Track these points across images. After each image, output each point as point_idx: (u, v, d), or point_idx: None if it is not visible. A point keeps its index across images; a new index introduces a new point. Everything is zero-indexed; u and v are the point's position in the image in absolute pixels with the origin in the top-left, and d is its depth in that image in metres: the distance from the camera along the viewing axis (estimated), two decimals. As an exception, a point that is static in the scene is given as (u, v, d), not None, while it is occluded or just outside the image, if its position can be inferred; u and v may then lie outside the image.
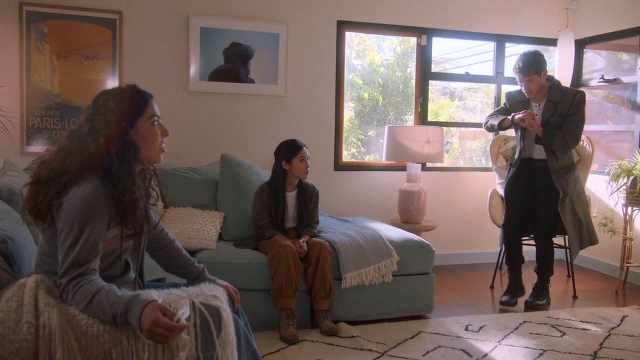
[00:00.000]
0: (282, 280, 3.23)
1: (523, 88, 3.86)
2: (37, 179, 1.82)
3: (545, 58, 3.85)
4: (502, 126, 3.96)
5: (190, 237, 3.47)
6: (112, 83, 4.25)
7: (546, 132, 3.77)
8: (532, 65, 3.75)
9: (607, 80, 5.10)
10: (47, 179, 1.80)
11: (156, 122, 1.96)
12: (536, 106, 3.92)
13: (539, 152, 3.92)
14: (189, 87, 4.46)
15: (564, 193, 3.83)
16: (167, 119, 4.35)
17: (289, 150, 3.58)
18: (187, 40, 4.42)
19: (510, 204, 4.08)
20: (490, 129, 4.08)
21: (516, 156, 4.08)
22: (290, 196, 3.66)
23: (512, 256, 4.10)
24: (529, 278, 4.17)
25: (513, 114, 3.86)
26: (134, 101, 1.89)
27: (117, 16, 4.23)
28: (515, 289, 4.06)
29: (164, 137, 2.00)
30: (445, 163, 5.27)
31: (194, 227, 3.54)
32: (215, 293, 1.91)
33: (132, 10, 4.30)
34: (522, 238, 4.15)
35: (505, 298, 3.98)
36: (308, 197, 3.69)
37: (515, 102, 4.02)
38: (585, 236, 4.00)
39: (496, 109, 4.20)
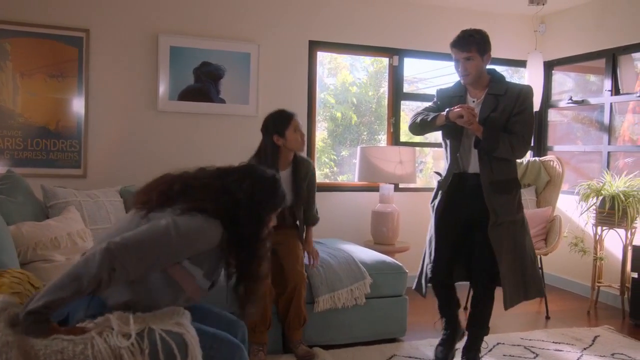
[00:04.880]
0: (256, 322, 3.10)
1: (459, 69, 3.01)
2: (167, 191, 1.97)
3: (516, 79, 3.72)
4: (433, 125, 3.05)
5: (157, 261, 3.37)
6: (77, 102, 4.15)
7: (488, 134, 2.89)
8: (475, 40, 2.94)
9: (576, 102, 5.18)
10: (176, 196, 1.93)
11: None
12: (474, 101, 3.06)
13: (474, 165, 3.02)
14: (158, 106, 4.37)
15: (496, 216, 2.91)
16: (135, 139, 4.30)
17: (279, 122, 3.21)
18: (156, 59, 4.35)
19: (439, 240, 3.09)
20: (419, 127, 3.15)
21: (444, 173, 3.15)
22: (284, 175, 3.24)
23: (445, 303, 3.23)
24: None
25: (448, 109, 2.96)
26: (279, 199, 2.10)
27: (83, 34, 4.14)
28: (452, 339, 3.22)
29: None
30: (418, 183, 5.27)
31: (162, 250, 3.44)
32: (179, 320, 1.84)
33: (100, 28, 4.22)
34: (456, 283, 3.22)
35: (441, 353, 3.17)
36: (303, 174, 3.31)
37: (448, 98, 3.13)
38: (531, 283, 3.04)
39: (423, 107, 3.28)
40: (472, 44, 2.92)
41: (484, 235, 2.93)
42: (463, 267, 3.14)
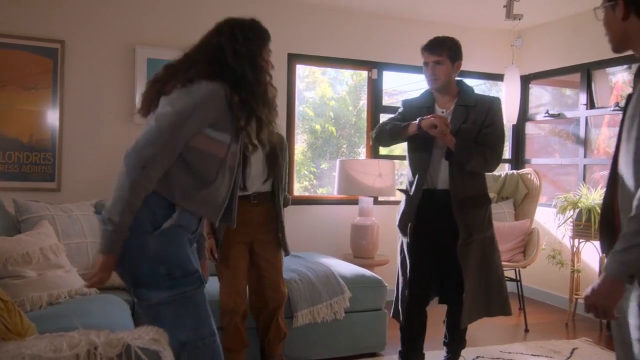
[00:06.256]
0: (231, 344, 3.02)
1: (427, 73, 2.91)
2: (157, 79, 2.01)
3: (494, 92, 3.69)
4: (403, 135, 2.90)
5: (132, 276, 3.30)
6: (52, 114, 4.08)
7: (461, 146, 2.78)
8: (447, 45, 2.86)
9: (552, 115, 5.24)
10: (167, 79, 1.97)
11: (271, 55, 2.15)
12: (442, 112, 2.95)
13: (443, 180, 2.89)
14: (134, 119, 4.31)
15: (468, 233, 2.82)
16: (111, 151, 4.22)
17: None
18: (133, 71, 4.30)
19: (417, 263, 2.95)
20: (387, 137, 3.00)
21: (412, 189, 2.95)
22: None
23: (409, 346, 3.07)
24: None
25: (419, 118, 2.81)
26: (264, 34, 2.11)
27: (58, 46, 4.07)
28: None
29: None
30: (398, 196, 5.26)
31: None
32: (156, 336, 1.81)
33: (75, 40, 4.16)
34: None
35: None
36: (277, 146, 3.04)
37: (416, 109, 2.98)
38: (496, 300, 2.96)
39: (388, 118, 3.15)
40: (443, 48, 2.86)
41: (454, 252, 2.83)
42: (435, 286, 3.05)
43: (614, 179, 1.74)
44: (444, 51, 2.85)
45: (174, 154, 1.89)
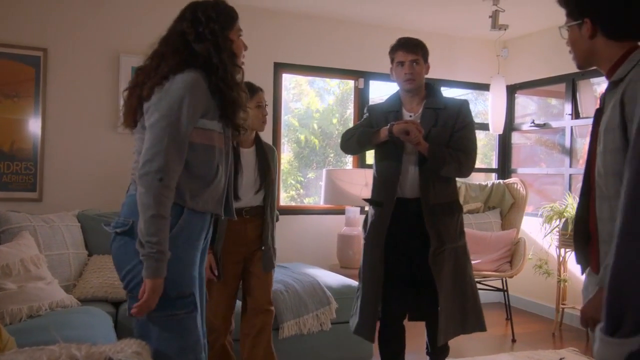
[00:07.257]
0: None
1: (403, 72, 2.78)
2: (134, 84, 1.96)
3: (481, 101, 3.69)
4: (373, 141, 2.79)
5: (115, 287, 3.25)
6: (34, 123, 4.01)
7: (434, 151, 2.66)
8: (421, 45, 2.82)
9: (538, 125, 5.26)
10: (143, 81, 1.92)
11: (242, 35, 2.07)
12: (410, 116, 2.83)
13: (412, 188, 2.75)
14: (118, 128, 4.27)
15: (440, 242, 2.69)
16: (94, 161, 4.17)
17: None
18: (117, 80, 4.25)
19: (388, 277, 2.77)
20: (356, 144, 2.86)
21: (384, 200, 2.81)
22: (247, 152, 2.89)
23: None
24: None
25: (391, 123, 2.68)
26: (230, 13, 2.01)
27: (41, 54, 4.02)
28: None
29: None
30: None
31: (120, 277, 3.33)
32: (138, 349, 1.77)
33: (58, 48, 4.11)
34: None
35: None
36: (270, 155, 2.97)
37: (383, 114, 2.86)
38: (471, 316, 2.83)
39: (354, 125, 3.06)
40: (419, 48, 2.82)
41: (427, 264, 2.70)
42: (409, 300, 2.90)
43: (587, 191, 1.75)
44: (419, 50, 2.81)
45: (181, 156, 1.85)
